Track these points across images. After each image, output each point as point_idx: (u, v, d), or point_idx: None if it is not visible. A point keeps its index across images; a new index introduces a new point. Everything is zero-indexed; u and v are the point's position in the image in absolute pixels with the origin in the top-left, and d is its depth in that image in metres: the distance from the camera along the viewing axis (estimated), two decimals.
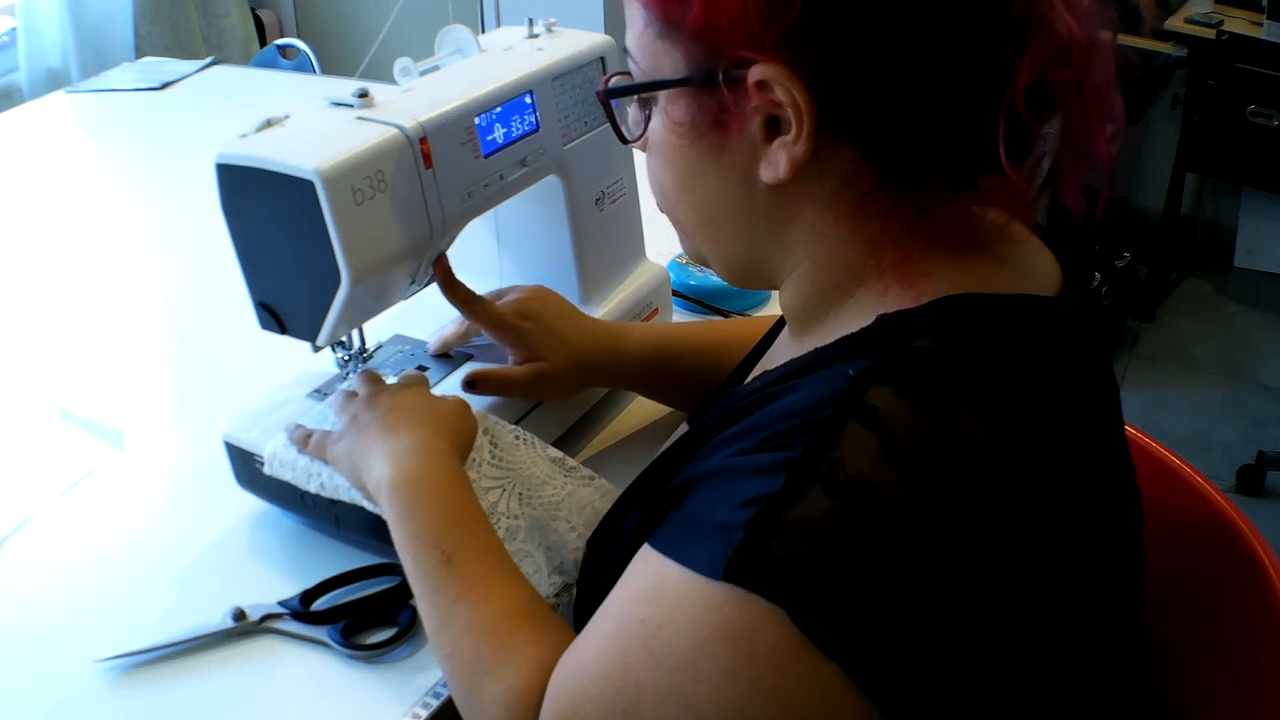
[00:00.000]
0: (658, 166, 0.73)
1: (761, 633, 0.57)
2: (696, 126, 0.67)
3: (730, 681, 0.58)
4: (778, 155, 0.64)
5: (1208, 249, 3.50)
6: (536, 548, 0.89)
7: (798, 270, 0.71)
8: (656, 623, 0.61)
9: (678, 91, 0.68)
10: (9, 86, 2.97)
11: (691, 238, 0.76)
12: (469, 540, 0.80)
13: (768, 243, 0.71)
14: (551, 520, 0.91)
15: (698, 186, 0.71)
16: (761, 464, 0.59)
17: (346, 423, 0.89)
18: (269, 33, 3.62)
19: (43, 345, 1.32)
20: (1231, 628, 0.89)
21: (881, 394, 0.59)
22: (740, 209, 0.70)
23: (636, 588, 0.63)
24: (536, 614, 0.76)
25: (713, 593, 0.58)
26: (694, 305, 1.30)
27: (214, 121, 1.90)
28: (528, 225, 1.12)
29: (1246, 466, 2.60)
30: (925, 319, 0.63)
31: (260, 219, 0.87)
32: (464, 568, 0.78)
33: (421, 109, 0.90)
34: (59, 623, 0.92)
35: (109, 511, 1.04)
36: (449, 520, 0.81)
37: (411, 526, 0.80)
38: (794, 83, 0.61)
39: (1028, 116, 0.60)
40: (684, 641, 0.59)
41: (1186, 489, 0.94)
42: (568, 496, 0.92)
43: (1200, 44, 2.88)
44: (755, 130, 0.65)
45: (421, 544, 0.79)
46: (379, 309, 0.95)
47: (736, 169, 0.68)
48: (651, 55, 0.69)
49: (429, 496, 0.82)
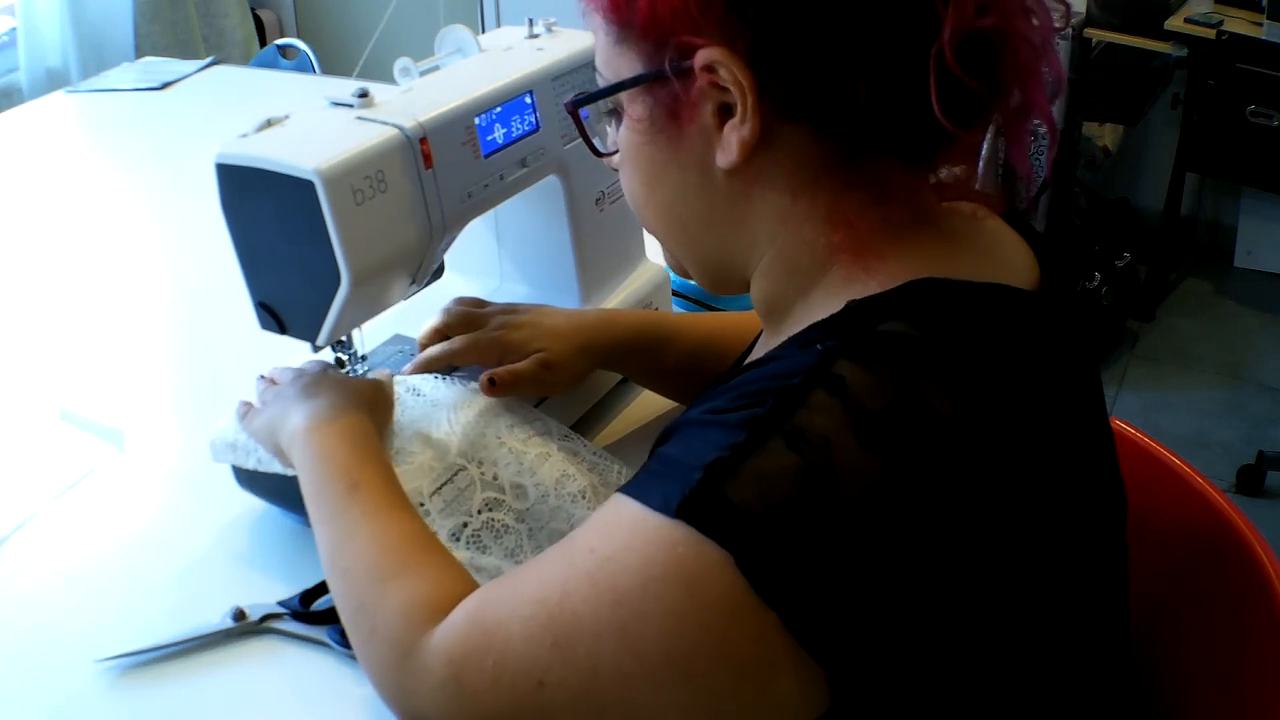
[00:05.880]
0: (626, 172, 0.75)
1: (711, 578, 0.57)
2: (655, 122, 0.69)
3: (675, 624, 0.58)
4: (729, 139, 0.65)
5: (1208, 249, 3.50)
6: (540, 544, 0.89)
7: (763, 260, 0.72)
8: (605, 554, 0.60)
9: (635, 91, 0.69)
10: (9, 86, 2.97)
11: (665, 243, 0.78)
12: (377, 474, 0.82)
13: (733, 234, 0.72)
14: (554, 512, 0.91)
15: (662, 185, 0.72)
16: (729, 420, 0.60)
17: (269, 398, 0.93)
18: (269, 33, 3.62)
19: (43, 345, 1.32)
20: (1231, 628, 0.89)
21: (848, 367, 0.60)
22: (703, 203, 0.71)
23: (592, 522, 0.64)
24: (441, 548, 0.77)
25: (666, 530, 0.58)
26: (694, 305, 1.30)
27: (214, 121, 1.90)
28: (528, 225, 1.13)
29: (1246, 466, 2.60)
30: (894, 303, 0.64)
31: (260, 219, 0.87)
32: (370, 493, 0.80)
33: (421, 109, 0.90)
34: (59, 623, 0.92)
35: (109, 511, 1.04)
36: (360, 458, 0.83)
37: (320, 466, 0.83)
38: (734, 61, 0.63)
39: (960, 71, 0.60)
40: (631, 578, 0.59)
41: (1186, 489, 0.94)
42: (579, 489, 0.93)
43: (1200, 44, 2.88)
44: (708, 118, 0.66)
45: (329, 475, 0.81)
46: (379, 309, 0.95)
47: (695, 160, 0.69)
48: (613, 63, 0.70)
49: (341, 439, 0.84)
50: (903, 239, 0.67)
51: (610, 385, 1.14)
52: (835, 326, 0.64)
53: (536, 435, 0.94)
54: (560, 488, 0.91)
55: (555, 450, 0.94)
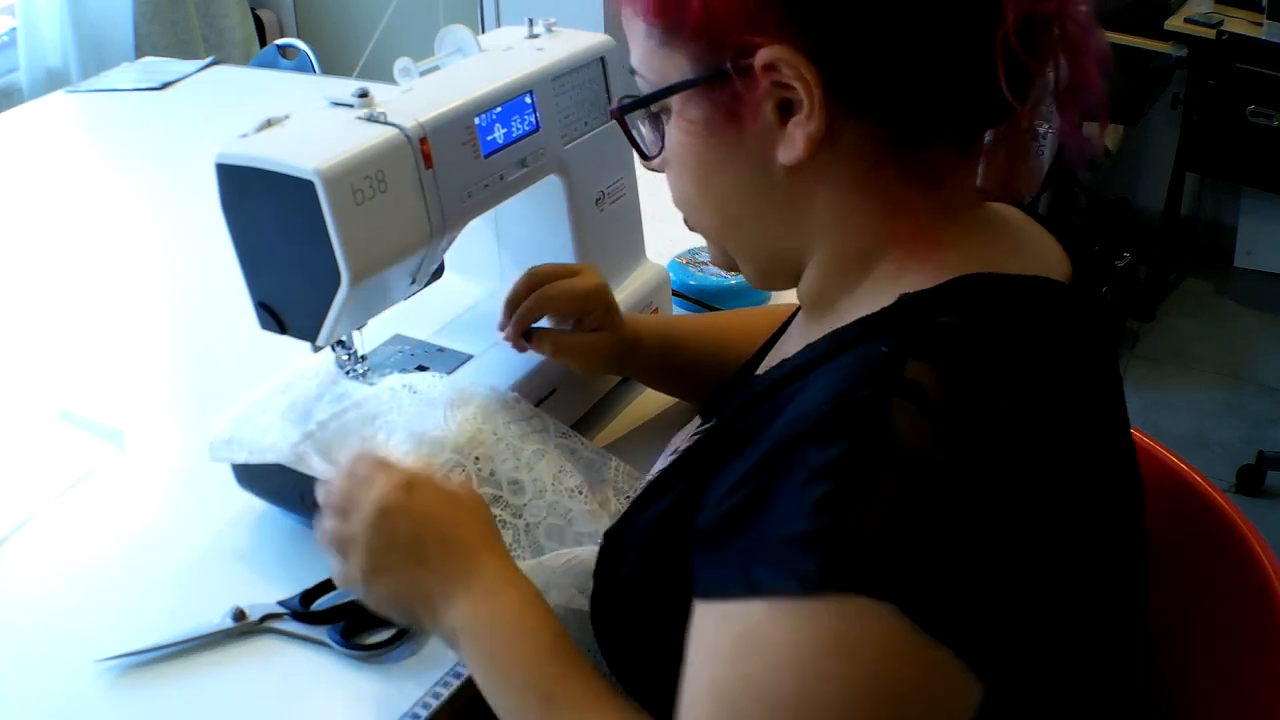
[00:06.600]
0: (676, 174, 0.73)
1: (871, 635, 0.55)
2: (711, 123, 0.68)
3: (852, 692, 0.55)
4: (794, 135, 0.65)
5: (1208, 249, 3.50)
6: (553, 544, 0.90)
7: (819, 252, 0.71)
8: (760, 673, 0.57)
9: (689, 93, 0.68)
10: (9, 86, 2.97)
11: (716, 241, 0.77)
12: (564, 670, 0.73)
13: (789, 229, 0.71)
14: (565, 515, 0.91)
15: (716, 185, 0.71)
16: (819, 464, 0.57)
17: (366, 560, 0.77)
18: (269, 33, 3.62)
19: (42, 345, 1.32)
20: (1231, 628, 0.89)
21: (919, 368, 0.59)
22: (759, 199, 0.70)
23: (721, 649, 0.59)
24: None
25: (811, 611, 0.55)
26: (694, 305, 1.30)
27: (214, 121, 1.90)
28: (528, 225, 1.13)
29: (1246, 466, 2.60)
30: (946, 297, 0.64)
31: (260, 219, 0.87)
32: (566, 703, 0.71)
33: (421, 109, 0.90)
34: (59, 623, 0.92)
35: (109, 511, 1.04)
36: (537, 655, 0.73)
37: (499, 672, 0.74)
38: (800, 59, 0.63)
39: (1022, 51, 0.61)
40: (795, 676, 0.56)
41: (1186, 489, 0.94)
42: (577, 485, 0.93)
43: (1200, 44, 2.88)
44: (769, 115, 0.66)
45: (514, 685, 0.73)
46: (379, 309, 0.95)
47: (752, 159, 0.68)
48: (658, 66, 0.69)
49: (507, 632, 0.74)
50: (953, 227, 0.68)
51: (610, 385, 1.14)
52: (888, 321, 0.64)
53: (534, 432, 0.94)
54: (557, 484, 0.91)
55: (552, 448, 0.94)
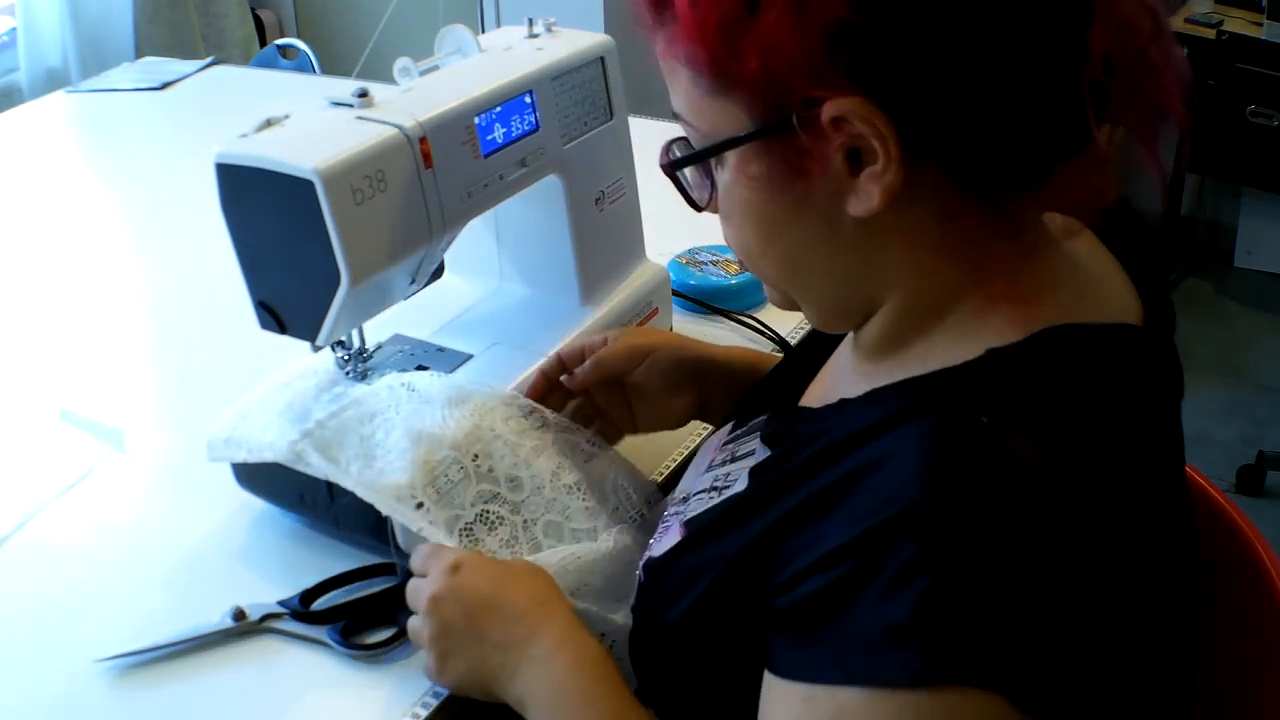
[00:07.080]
0: (736, 227, 0.71)
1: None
2: (774, 177, 0.65)
3: None
4: (868, 187, 0.62)
5: (1208, 249, 3.50)
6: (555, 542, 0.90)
7: (891, 300, 0.69)
8: None
9: (749, 147, 0.65)
10: (9, 86, 2.97)
11: (779, 288, 0.74)
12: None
13: (860, 277, 0.69)
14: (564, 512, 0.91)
15: (783, 238, 0.68)
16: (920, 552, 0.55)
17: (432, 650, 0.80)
18: (269, 33, 3.62)
19: (42, 345, 1.32)
20: (1232, 628, 0.89)
21: (1023, 443, 0.58)
22: (829, 250, 0.68)
23: None
24: None
25: (913, 702, 0.54)
26: (694, 305, 1.30)
27: (214, 121, 1.90)
28: (528, 225, 1.12)
29: (1246, 466, 2.60)
30: (1035, 354, 0.63)
31: (260, 219, 0.87)
32: None
33: (421, 109, 0.90)
34: (59, 623, 0.92)
35: (109, 511, 1.04)
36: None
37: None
38: (872, 111, 0.60)
39: (1108, 84, 0.60)
40: None
41: None
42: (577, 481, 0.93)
43: (1200, 44, 2.88)
44: (839, 167, 0.63)
45: None
46: (379, 309, 0.95)
47: (820, 210, 0.66)
48: (709, 116, 0.66)
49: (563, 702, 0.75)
50: (1032, 269, 0.67)
51: None
52: (975, 378, 0.63)
53: (532, 429, 0.94)
54: (555, 480, 0.91)
55: (550, 443, 0.94)
